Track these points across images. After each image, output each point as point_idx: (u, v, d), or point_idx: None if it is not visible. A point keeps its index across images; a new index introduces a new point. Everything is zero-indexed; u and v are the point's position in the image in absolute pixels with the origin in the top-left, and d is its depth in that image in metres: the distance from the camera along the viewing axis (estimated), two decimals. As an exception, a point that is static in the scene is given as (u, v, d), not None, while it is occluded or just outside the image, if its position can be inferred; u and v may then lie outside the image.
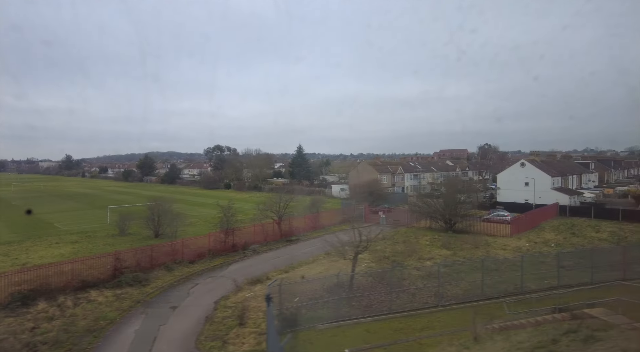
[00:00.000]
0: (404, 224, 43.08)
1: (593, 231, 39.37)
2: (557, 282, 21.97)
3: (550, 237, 36.93)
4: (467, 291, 20.78)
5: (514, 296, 20.27)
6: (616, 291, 19.03)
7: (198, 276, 25.77)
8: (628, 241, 35.06)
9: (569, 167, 63.92)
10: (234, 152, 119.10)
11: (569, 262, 27.13)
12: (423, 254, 29.28)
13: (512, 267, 25.60)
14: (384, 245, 32.52)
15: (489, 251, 30.52)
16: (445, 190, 42.73)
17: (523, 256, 26.53)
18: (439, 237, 35.64)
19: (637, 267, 25.46)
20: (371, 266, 26.61)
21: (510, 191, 54.77)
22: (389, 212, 48.25)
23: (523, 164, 55.01)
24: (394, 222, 44.75)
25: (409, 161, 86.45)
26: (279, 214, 36.94)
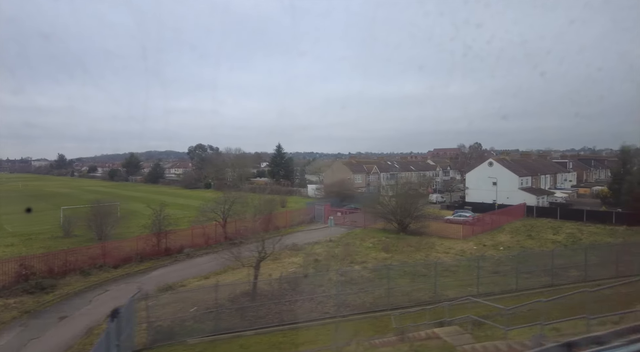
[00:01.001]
0: (361, 225, 41.86)
1: (551, 233, 38.18)
2: (476, 290, 20.71)
3: (504, 239, 35.73)
4: (378, 299, 19.55)
5: (428, 304, 19.03)
6: (512, 301, 17.79)
7: (114, 282, 24.52)
8: (581, 243, 33.87)
9: (543, 167, 62.69)
10: (217, 151, 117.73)
11: (506, 267, 25.98)
12: (358, 257, 28.04)
13: (444, 273, 24.42)
14: (326, 248, 31.32)
15: (429, 254, 29.28)
16: (398, 191, 41.47)
17: (436, 262, 25.31)
18: (387, 239, 34.40)
19: (566, 272, 24.30)
20: (298, 270, 25.41)
21: (479, 191, 53.56)
22: (351, 212, 47.06)
23: (491, 164, 53.78)
24: (351, 222, 43.55)
25: (387, 160, 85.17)
26: (223, 215, 35.69)
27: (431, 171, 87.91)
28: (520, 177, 50.68)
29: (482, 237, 36.01)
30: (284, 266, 26.78)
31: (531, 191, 49.84)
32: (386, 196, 38.41)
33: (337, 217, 45.54)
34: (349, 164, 73.02)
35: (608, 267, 24.90)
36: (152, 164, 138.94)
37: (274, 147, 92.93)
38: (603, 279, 23.16)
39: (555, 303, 12.64)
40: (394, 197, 38.57)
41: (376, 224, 40.96)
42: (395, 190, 41.83)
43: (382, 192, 43.53)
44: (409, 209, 37.58)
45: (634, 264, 25.52)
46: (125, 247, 29.02)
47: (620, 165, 45.28)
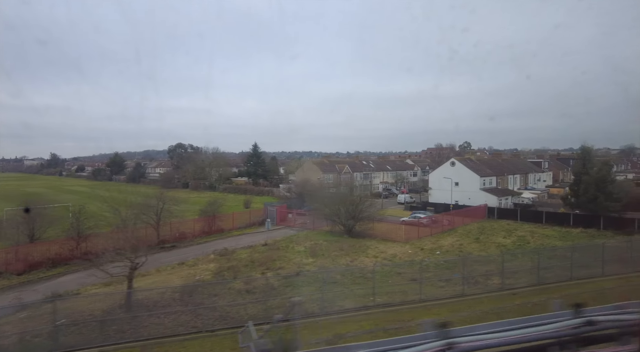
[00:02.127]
0: (310, 227, 40.50)
1: (502, 236, 36.83)
2: (373, 300, 19.35)
3: (449, 242, 34.36)
4: (265, 311, 18.17)
5: (314, 317, 17.68)
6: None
7: (9, 290, 23.18)
8: (528, 247, 32.55)
9: (513, 167, 61.26)
10: (196, 151, 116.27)
11: (428, 273, 24.64)
12: (280, 263, 26.67)
13: (358, 280, 23.12)
14: (253, 253, 29.96)
15: (356, 259, 27.93)
16: (345, 191, 40.07)
17: (345, 268, 23.93)
18: (324, 242, 33.05)
19: (488, 279, 22.95)
20: (207, 278, 24.06)
21: (442, 192, 52.20)
22: (303, 214, 45.72)
23: (453, 163, 52.37)
24: (302, 224, 42.19)
25: (362, 160, 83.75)
26: (157, 216, 34.34)
27: (409, 171, 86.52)
28: (482, 178, 49.28)
29: (427, 240, 34.67)
30: (197, 272, 25.42)
31: (493, 192, 48.46)
32: (330, 197, 37.04)
33: (289, 219, 44.23)
34: (320, 164, 71.64)
35: (532, 274, 23.58)
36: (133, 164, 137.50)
37: (275, 146, 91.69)
38: (521, 288, 21.88)
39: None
40: (339, 198, 37.14)
41: (325, 226, 39.65)
42: (339, 192, 40.36)
43: (348, 192, 41.97)
44: (353, 211, 36.21)
45: (555, 270, 24.19)
46: (38, 251, 27.68)
47: (580, 165, 43.85)
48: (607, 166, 40.78)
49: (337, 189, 45.84)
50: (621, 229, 37.99)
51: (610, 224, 38.93)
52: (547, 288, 21.36)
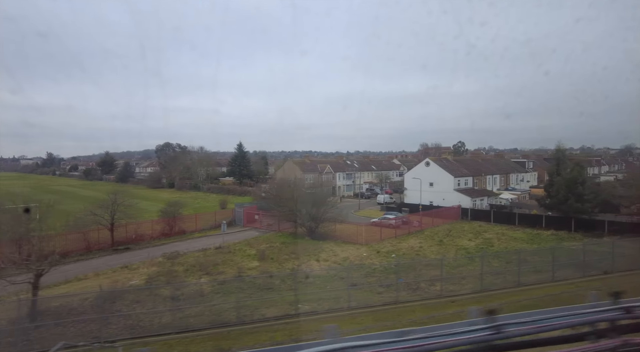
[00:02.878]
0: (275, 229, 39.58)
1: (468, 238, 35.88)
2: (295, 307, 18.41)
3: (411, 244, 33.45)
4: (178, 320, 17.26)
5: (229, 326, 16.77)
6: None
7: None
8: (491, 250, 31.61)
9: (494, 167, 60.28)
10: (183, 150, 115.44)
11: (372, 278, 23.74)
12: (221, 268, 25.76)
13: (299, 285, 22.18)
14: (203, 256, 29.06)
15: (306, 262, 27.02)
16: (309, 192, 39.10)
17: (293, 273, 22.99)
18: (281, 245, 32.14)
19: (431, 285, 22.03)
20: (142, 283, 23.16)
21: (417, 192, 51.25)
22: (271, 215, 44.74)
23: (428, 163, 51.40)
24: (267, 226, 41.26)
25: (347, 160, 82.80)
26: (111, 218, 33.45)
27: (394, 171, 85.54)
28: (456, 178, 48.29)
29: (388, 243, 33.75)
30: (135, 276, 24.51)
31: (467, 192, 47.48)
32: (293, 198, 36.08)
33: (256, 221, 43.32)
34: (301, 163, 70.74)
35: (475, 280, 22.66)
36: (122, 163, 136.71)
37: (275, 146, 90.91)
38: (463, 295, 20.95)
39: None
40: (300, 199, 36.17)
41: (291, 228, 38.72)
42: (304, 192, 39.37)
43: (310, 193, 40.99)
44: (316, 212, 35.27)
45: (506, 276, 23.28)
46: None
47: (554, 166, 42.87)
48: (578, 167, 39.74)
49: (312, 189, 44.77)
50: (591, 231, 37.15)
51: (581, 226, 38.03)
52: (489, 295, 20.44)
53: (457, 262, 27.26)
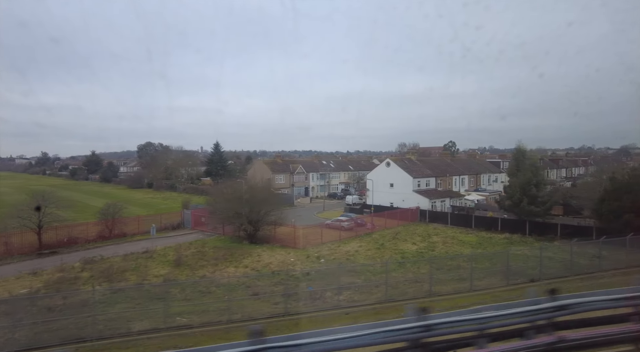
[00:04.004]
0: (220, 232, 38.26)
1: (413, 242, 34.52)
2: (170, 322, 17.08)
3: (351, 248, 32.10)
4: (23, 338, 15.96)
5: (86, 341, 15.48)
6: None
7: None
8: (430, 254, 30.24)
9: (463, 167, 58.78)
10: (164, 150, 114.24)
11: (280, 287, 22.37)
12: (129, 274, 24.47)
13: (199, 295, 20.89)
14: (124, 261, 27.78)
15: (224, 269, 25.69)
16: (249, 193, 37.63)
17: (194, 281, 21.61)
18: (211, 249, 30.84)
19: (322, 295, 20.66)
20: (33, 291, 21.88)
21: (379, 193, 49.93)
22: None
23: (388, 164, 49.99)
24: (213, 229, 39.94)
25: (322, 160, 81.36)
26: (39, 220, 32.18)
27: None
28: (415, 179, 46.82)
29: (327, 246, 32.42)
30: (35, 283, 23.21)
31: (426, 194, 46.04)
32: (233, 200, 34.67)
33: (203, 223, 41.98)
34: (271, 163, 69.42)
35: (393, 288, 21.36)
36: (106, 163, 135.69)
37: (277, 146, 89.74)
38: (364, 305, 19.60)
39: None
40: (241, 201, 34.73)
41: (235, 231, 37.38)
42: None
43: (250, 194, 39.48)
44: (256, 214, 33.91)
45: (423, 286, 21.93)
46: None
47: (514, 167, 41.41)
48: (533, 168, 38.27)
49: (254, 190, 43.23)
50: (544, 234, 35.77)
51: (535, 229, 36.66)
52: (389, 307, 19.06)
53: (384, 268, 25.90)
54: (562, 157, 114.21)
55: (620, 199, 31.01)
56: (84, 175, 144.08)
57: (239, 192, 36.05)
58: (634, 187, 30.59)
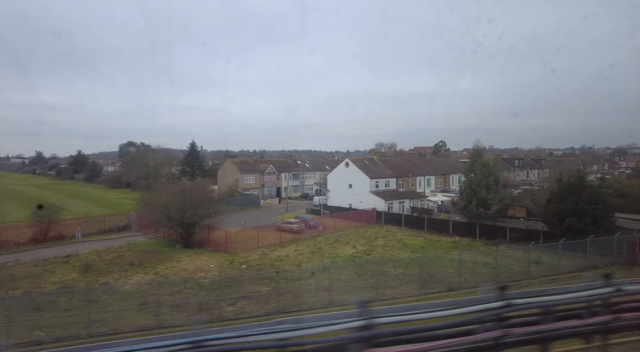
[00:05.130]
0: (161, 234, 36.99)
1: (353, 245, 33.17)
2: (31, 336, 15.82)
3: (287, 252, 30.81)
4: None
5: None
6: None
7: None
8: (364, 259, 28.94)
9: (430, 167, 57.39)
10: (145, 149, 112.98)
11: (178, 296, 21.11)
12: (27, 281, 23.22)
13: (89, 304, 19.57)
14: (35, 266, 26.55)
15: (132, 276, 24.43)
16: (184, 194, 36.36)
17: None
18: (136, 253, 29.59)
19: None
20: None
21: (339, 194, 48.66)
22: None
23: (347, 164, 48.66)
24: (155, 231, 38.67)
25: (297, 160, 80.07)
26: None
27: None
28: (372, 179, 45.47)
29: (262, 251, 31.15)
30: None
31: (382, 195, 44.70)
32: (167, 201, 33.37)
33: (147, 225, 40.69)
34: (241, 163, 68.17)
35: (289, 297, 20.07)
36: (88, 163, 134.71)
37: (280, 145, 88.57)
38: (252, 317, 18.32)
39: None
40: (172, 202, 33.40)
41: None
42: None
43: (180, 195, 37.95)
44: (189, 216, 32.61)
45: (314, 295, 20.64)
46: None
47: (469, 166, 40.10)
48: (485, 169, 36.89)
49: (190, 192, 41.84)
50: (494, 238, 34.43)
51: (485, 233, 35.33)
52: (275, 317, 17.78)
53: (302, 275, 24.68)
54: (546, 158, 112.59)
55: (564, 201, 29.67)
56: (70, 174, 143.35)
57: (172, 194, 34.73)
58: (577, 189, 29.19)
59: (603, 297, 3.19)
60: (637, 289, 3.16)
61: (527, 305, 2.98)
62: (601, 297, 3.18)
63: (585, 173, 31.38)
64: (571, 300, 3.12)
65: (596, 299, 3.09)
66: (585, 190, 29.04)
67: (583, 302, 3.11)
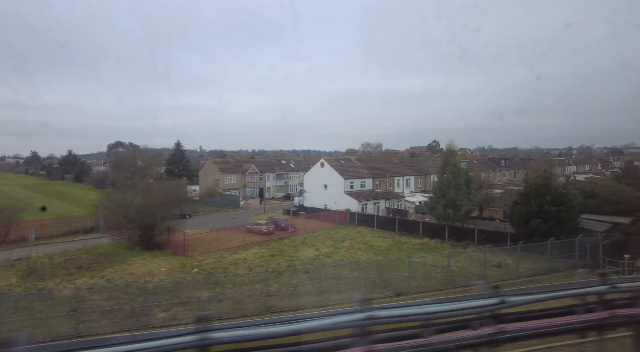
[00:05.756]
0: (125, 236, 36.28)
1: (316, 248, 32.47)
2: None
3: (246, 256, 30.11)
4: None
5: None
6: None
7: None
8: (325, 261, 28.23)
9: (410, 168, 56.65)
10: (136, 149, 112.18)
11: (107, 303, 20.36)
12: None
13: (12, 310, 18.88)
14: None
15: (73, 281, 23.70)
16: (144, 196, 35.70)
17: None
18: (93, 256, 28.85)
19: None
20: None
21: (315, 194, 47.98)
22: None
23: (322, 164, 47.98)
24: (121, 233, 37.93)
25: (282, 160, 79.34)
26: None
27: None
28: (346, 180, 44.77)
29: (221, 253, 30.45)
30: None
31: (355, 195, 43.99)
32: (122, 202, 32.67)
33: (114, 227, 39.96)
34: (222, 163, 67.46)
35: (229, 303, 19.36)
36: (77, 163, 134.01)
37: (278, 145, 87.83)
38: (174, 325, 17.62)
39: None
40: (131, 203, 32.69)
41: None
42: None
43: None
44: (150, 218, 31.92)
45: (241, 304, 19.93)
46: None
47: (441, 167, 39.27)
48: (454, 169, 36.16)
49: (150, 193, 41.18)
50: (462, 240, 33.75)
51: (454, 234, 34.64)
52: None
53: (252, 279, 23.97)
54: (537, 158, 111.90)
55: (529, 203, 28.97)
56: (60, 174, 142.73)
57: (132, 195, 34.03)
58: (542, 190, 28.48)
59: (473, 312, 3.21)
60: (519, 302, 3.11)
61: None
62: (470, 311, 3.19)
63: (552, 174, 30.59)
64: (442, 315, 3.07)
65: (478, 312, 3.08)
66: (550, 191, 28.32)
67: (469, 314, 3.15)
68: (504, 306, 3.02)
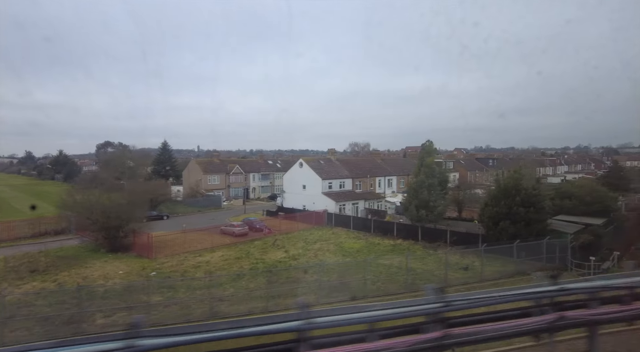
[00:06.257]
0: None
1: (286, 249, 31.84)
2: None
3: (211, 258, 29.49)
4: None
5: None
6: None
7: None
8: (293, 263, 27.62)
9: (393, 168, 56.07)
10: (125, 149, 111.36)
11: (48, 309, 19.68)
12: None
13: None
14: None
15: (26, 284, 23.03)
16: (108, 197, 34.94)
17: None
18: (52, 259, 28.16)
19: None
20: None
21: (293, 195, 47.34)
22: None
23: (301, 165, 47.33)
24: (89, 235, 37.21)
25: (268, 160, 78.69)
26: None
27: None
28: (324, 180, 44.12)
29: (186, 256, 29.80)
30: None
31: (333, 196, 43.37)
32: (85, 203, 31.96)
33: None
34: (206, 163, 66.76)
35: (177, 309, 18.72)
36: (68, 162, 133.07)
37: (277, 144, 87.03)
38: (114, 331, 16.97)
39: None
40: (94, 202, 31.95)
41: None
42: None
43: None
44: (114, 220, 31.24)
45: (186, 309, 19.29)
46: None
47: (417, 167, 38.71)
48: (428, 170, 35.59)
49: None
50: (435, 241, 33.17)
51: (427, 236, 34.07)
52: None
53: (210, 283, 23.29)
54: (526, 157, 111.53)
55: (498, 204, 28.43)
56: (51, 174, 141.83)
57: (97, 195, 33.35)
58: (511, 192, 27.92)
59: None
60: (463, 305, 3.06)
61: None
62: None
63: (522, 175, 30.00)
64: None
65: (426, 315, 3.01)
66: (520, 192, 27.77)
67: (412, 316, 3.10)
68: (448, 309, 3.00)
